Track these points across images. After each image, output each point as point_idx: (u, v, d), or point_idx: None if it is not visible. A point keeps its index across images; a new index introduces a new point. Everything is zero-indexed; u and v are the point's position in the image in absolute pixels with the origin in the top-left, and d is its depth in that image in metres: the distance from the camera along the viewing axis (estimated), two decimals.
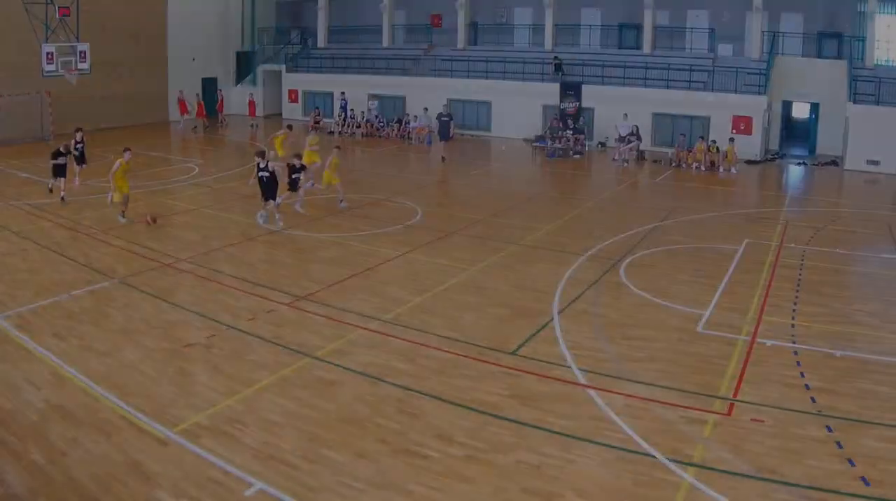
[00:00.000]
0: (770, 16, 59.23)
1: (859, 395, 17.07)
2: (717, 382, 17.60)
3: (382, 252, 27.13)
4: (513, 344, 19.43)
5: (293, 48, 75.00)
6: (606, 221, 33.05)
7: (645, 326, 21.10)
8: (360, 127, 61.91)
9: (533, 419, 15.59)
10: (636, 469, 13.83)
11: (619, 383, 17.46)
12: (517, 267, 25.75)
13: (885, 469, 13.86)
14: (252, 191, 31.23)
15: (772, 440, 15.00)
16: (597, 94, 57.30)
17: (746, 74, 54.73)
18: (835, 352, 19.39)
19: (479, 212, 33.83)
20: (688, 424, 15.64)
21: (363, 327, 20.30)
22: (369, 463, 13.74)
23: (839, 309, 22.84)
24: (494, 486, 13.16)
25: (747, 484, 13.43)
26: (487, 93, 62.51)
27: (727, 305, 22.89)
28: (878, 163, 49.77)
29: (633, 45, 64.53)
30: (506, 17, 70.06)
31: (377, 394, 16.52)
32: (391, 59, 67.81)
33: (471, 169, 46.29)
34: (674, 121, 56.48)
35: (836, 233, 32.35)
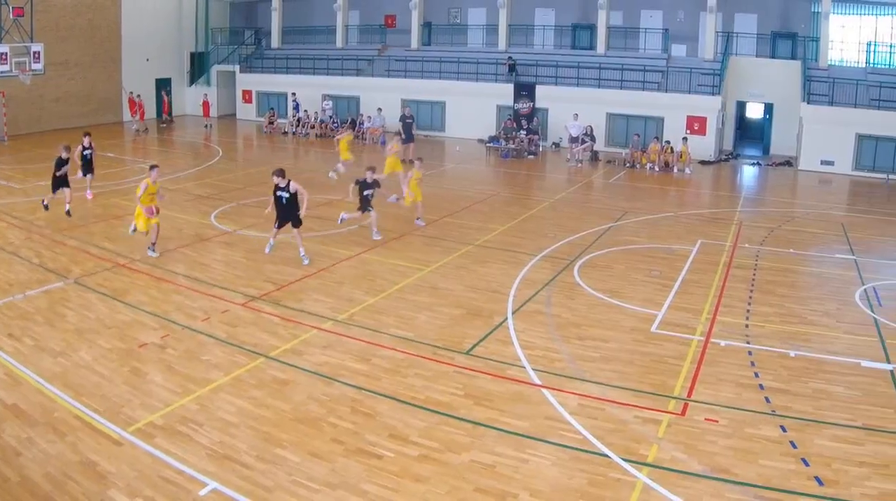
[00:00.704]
0: (724, 16, 59.61)
1: (814, 395, 17.28)
2: (672, 382, 17.78)
3: (337, 252, 27.13)
4: (467, 344, 19.54)
5: (247, 49, 74.70)
6: (561, 222, 33.10)
7: (599, 326, 21.22)
8: (314, 127, 61.66)
9: (487, 419, 15.70)
10: (590, 469, 13.91)
11: (574, 383, 17.59)
12: (471, 268, 25.76)
13: (839, 469, 14.05)
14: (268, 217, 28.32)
15: (726, 440, 15.17)
16: (551, 95, 57.73)
17: (700, 75, 55.10)
18: (789, 352, 19.54)
19: (434, 212, 33.77)
20: (642, 424, 15.76)
21: (318, 327, 20.32)
22: (324, 463, 13.78)
23: (793, 310, 23.05)
24: (449, 486, 13.21)
25: (701, 484, 13.57)
26: (441, 93, 62.62)
27: (681, 305, 23.09)
28: (833, 163, 50.11)
29: (586, 45, 64.83)
30: (459, 17, 70.19)
31: (331, 394, 16.55)
32: (345, 60, 67.66)
33: (424, 169, 46.17)
34: (628, 122, 56.64)
35: (790, 233, 32.56)
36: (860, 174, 49.39)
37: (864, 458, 14.46)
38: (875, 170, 49.88)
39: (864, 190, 45.56)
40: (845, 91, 51.02)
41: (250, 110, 71.91)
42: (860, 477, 13.77)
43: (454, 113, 61.04)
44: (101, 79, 64.88)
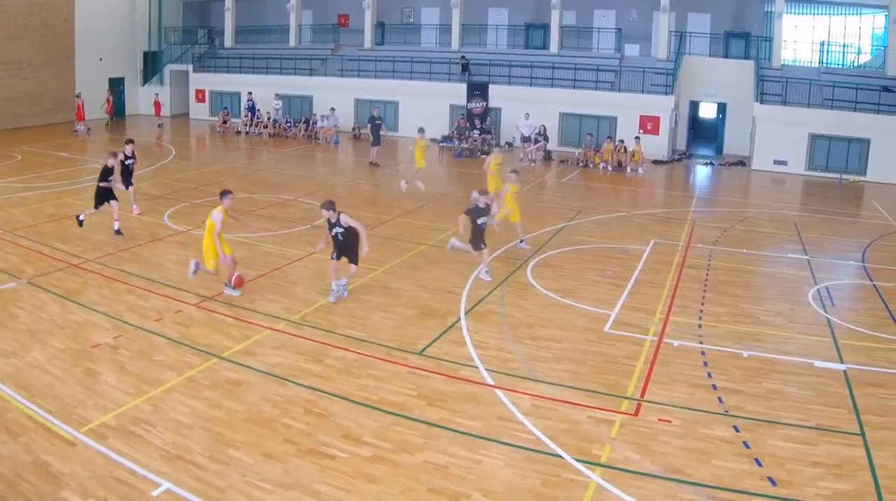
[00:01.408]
0: (677, 16, 60.10)
1: (767, 395, 17.36)
2: (625, 382, 17.82)
3: (290, 252, 27.10)
4: (420, 345, 19.52)
5: (200, 48, 74.38)
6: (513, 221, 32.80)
7: (552, 326, 21.26)
8: (267, 127, 61.56)
9: (440, 419, 15.70)
10: (543, 470, 13.93)
11: (527, 383, 17.61)
12: (425, 268, 25.73)
13: (792, 470, 14.13)
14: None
15: (679, 440, 15.24)
16: (504, 94, 58.13)
17: (654, 74, 55.63)
18: (743, 353, 19.65)
19: (387, 212, 33.90)
20: (595, 424, 15.78)
21: (271, 327, 20.26)
22: (277, 464, 13.73)
23: (746, 310, 23.20)
24: (402, 486, 13.19)
25: (654, 484, 13.62)
26: (394, 93, 62.69)
27: (634, 305, 23.17)
28: (786, 163, 50.44)
29: (539, 44, 65.39)
30: (413, 17, 70.40)
31: (284, 395, 16.49)
32: (298, 59, 67.56)
33: (378, 169, 46.16)
34: (581, 121, 57.11)
35: (743, 233, 32.80)
36: (813, 174, 49.79)
37: (817, 458, 14.57)
38: (828, 170, 50.32)
39: (817, 190, 45.85)
40: (798, 91, 51.49)
41: (203, 110, 71.61)
42: (813, 478, 13.86)
43: (407, 112, 61.05)
44: (54, 78, 64.42)
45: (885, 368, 19.02)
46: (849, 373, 18.62)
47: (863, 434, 15.56)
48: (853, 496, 13.34)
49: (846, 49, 62.21)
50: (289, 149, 53.58)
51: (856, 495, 13.37)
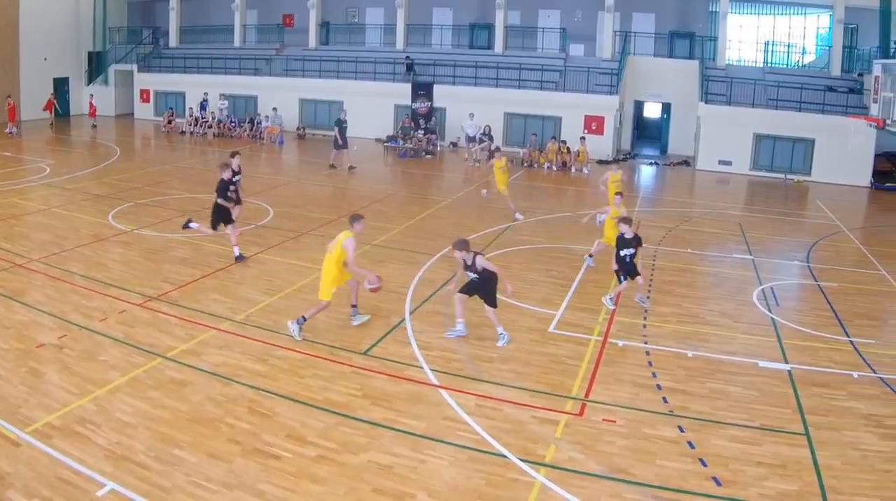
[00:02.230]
0: (622, 16, 60.75)
1: (711, 395, 17.49)
2: (569, 382, 17.87)
3: (234, 252, 26.75)
4: (365, 345, 19.46)
5: (145, 48, 73.98)
6: (458, 221, 33.26)
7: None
8: (212, 127, 61.25)
9: (385, 419, 15.67)
10: (488, 470, 13.94)
11: (471, 383, 17.62)
12: (369, 268, 25.49)
13: (736, 470, 14.25)
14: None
15: (623, 440, 15.30)
16: (448, 94, 58.63)
17: (598, 74, 56.17)
18: (687, 353, 19.77)
19: (331, 212, 33.84)
20: (539, 424, 15.81)
21: (215, 327, 20.12)
22: (221, 464, 13.65)
23: (691, 310, 23.39)
24: (346, 486, 13.17)
25: (599, 484, 13.66)
26: (339, 93, 62.22)
27: (579, 305, 23.25)
28: (730, 163, 50.78)
29: (484, 44, 66.26)
30: (357, 16, 70.60)
31: (229, 395, 16.40)
32: (243, 59, 67.51)
33: (322, 169, 46.03)
34: (526, 121, 57.66)
35: (687, 233, 33.08)
36: (758, 174, 50.16)
37: (761, 458, 14.71)
38: (773, 170, 50.66)
39: (761, 190, 46.12)
40: (743, 91, 52.07)
41: (148, 110, 71.09)
42: (758, 478, 13.99)
43: (352, 112, 60.36)
44: None
45: (830, 368, 19.15)
46: (793, 373, 18.77)
47: (807, 434, 15.70)
48: (797, 496, 13.45)
49: (791, 49, 62.75)
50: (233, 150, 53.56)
51: (800, 495, 13.48)
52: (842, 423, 16.31)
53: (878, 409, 17.07)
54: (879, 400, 17.61)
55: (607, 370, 18.61)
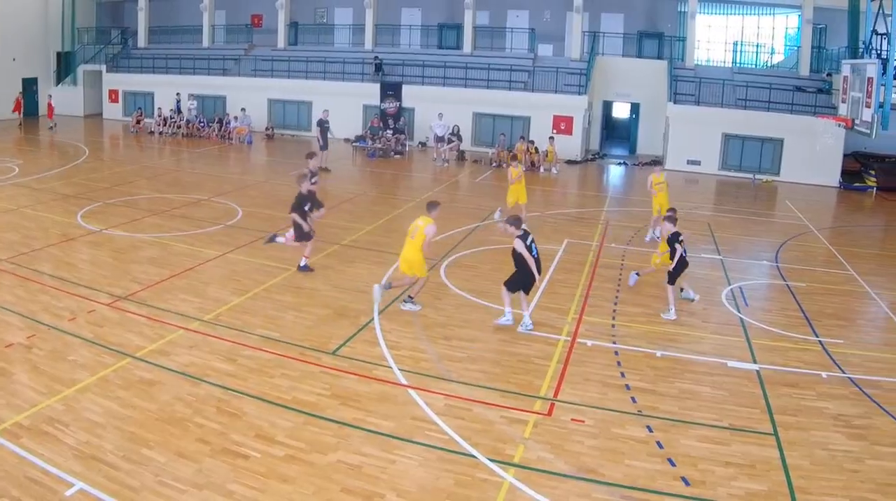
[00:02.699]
0: (590, 16, 61.00)
1: (680, 395, 17.60)
2: (538, 382, 17.92)
3: (203, 252, 26.86)
4: (333, 344, 19.48)
5: (114, 48, 73.56)
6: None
7: (466, 326, 21.34)
8: (181, 127, 60.98)
9: (353, 419, 15.68)
10: (457, 470, 13.97)
11: (440, 383, 17.66)
12: (338, 268, 25.64)
13: (705, 470, 14.33)
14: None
15: (592, 440, 15.35)
16: (417, 94, 58.83)
17: (567, 74, 56.21)
18: (656, 352, 19.89)
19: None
20: (508, 424, 15.84)
21: (184, 327, 20.05)
22: (190, 463, 13.61)
23: (660, 309, 23.25)
24: (315, 486, 13.16)
25: (567, 484, 13.70)
26: (308, 93, 62.67)
27: (548, 305, 23.26)
28: (699, 163, 50.88)
29: (453, 45, 66.02)
30: (326, 17, 70.42)
31: (198, 394, 16.37)
32: (211, 60, 67.05)
33: (291, 169, 45.99)
34: (494, 121, 57.60)
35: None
36: (726, 174, 50.31)
37: (730, 458, 14.79)
38: (741, 169, 50.80)
39: (730, 189, 46.28)
40: (712, 91, 52.30)
41: (117, 110, 70.53)
42: (726, 477, 14.08)
43: (321, 112, 60.94)
44: None
45: (799, 368, 19.25)
46: (762, 373, 18.88)
47: (776, 434, 15.83)
48: (766, 496, 13.53)
49: (759, 49, 62.99)
50: (202, 149, 53.27)
51: (769, 495, 13.56)
52: (811, 423, 16.43)
53: (846, 409, 17.21)
54: (848, 400, 17.74)
55: (576, 370, 18.66)
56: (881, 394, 18.03)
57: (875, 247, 35.32)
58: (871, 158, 52.05)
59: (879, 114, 26.90)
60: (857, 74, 30.23)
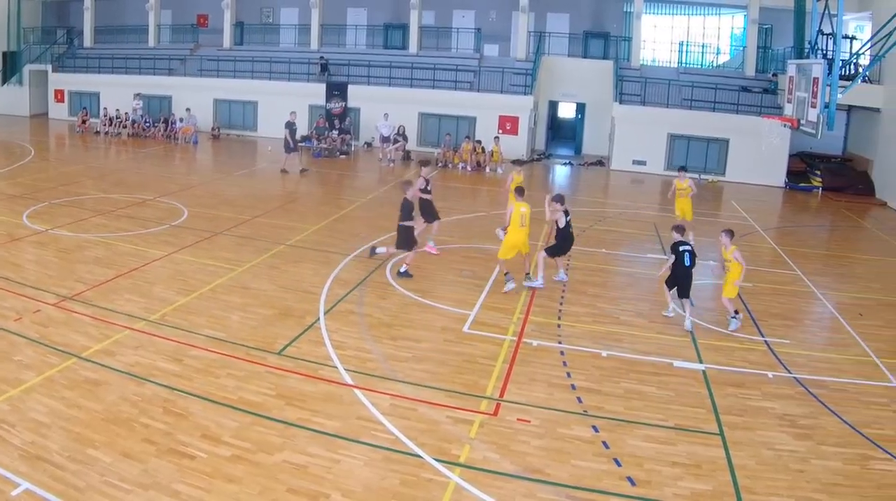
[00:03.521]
0: (536, 16, 61.19)
1: (626, 395, 17.74)
2: (484, 382, 17.97)
3: (149, 252, 26.63)
4: (279, 345, 19.44)
5: (59, 48, 72.90)
6: (372, 221, 33.07)
7: (411, 326, 21.37)
8: (126, 127, 60.51)
9: (299, 419, 15.69)
10: (403, 469, 14.01)
11: (386, 383, 17.68)
12: (283, 268, 25.61)
13: (651, 469, 14.49)
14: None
15: (538, 440, 15.42)
16: (363, 94, 58.58)
17: (513, 74, 56.51)
18: (602, 352, 20.00)
19: (245, 212, 33.73)
20: (454, 424, 15.90)
21: (129, 327, 19.88)
22: (136, 463, 13.55)
23: (605, 310, 23.70)
24: (261, 486, 13.17)
25: (513, 484, 13.76)
26: (254, 93, 62.43)
27: (493, 305, 23.33)
28: (645, 163, 51.14)
29: (398, 45, 65.79)
30: (272, 17, 70.39)
31: (143, 395, 16.25)
32: (157, 59, 66.46)
33: (236, 169, 45.81)
34: (440, 121, 57.69)
35: (602, 233, 33.50)
36: (672, 174, 50.28)
37: (676, 458, 14.94)
38: (687, 170, 50.95)
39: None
40: (657, 91, 52.71)
41: (63, 109, 69.81)
42: (672, 477, 14.23)
43: (266, 112, 60.66)
44: None
45: (744, 368, 19.45)
46: (708, 373, 19.08)
47: (722, 434, 16.01)
48: (712, 496, 13.69)
49: (705, 49, 63.42)
50: (148, 150, 53.00)
51: (715, 495, 13.71)
52: (756, 423, 16.65)
53: (792, 409, 17.43)
54: (794, 399, 17.95)
55: (522, 370, 18.74)
56: (827, 394, 18.26)
57: (821, 247, 35.69)
58: (817, 158, 52.62)
59: (825, 114, 27.06)
60: (802, 74, 30.42)
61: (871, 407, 17.82)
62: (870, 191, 48.25)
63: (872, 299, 26.61)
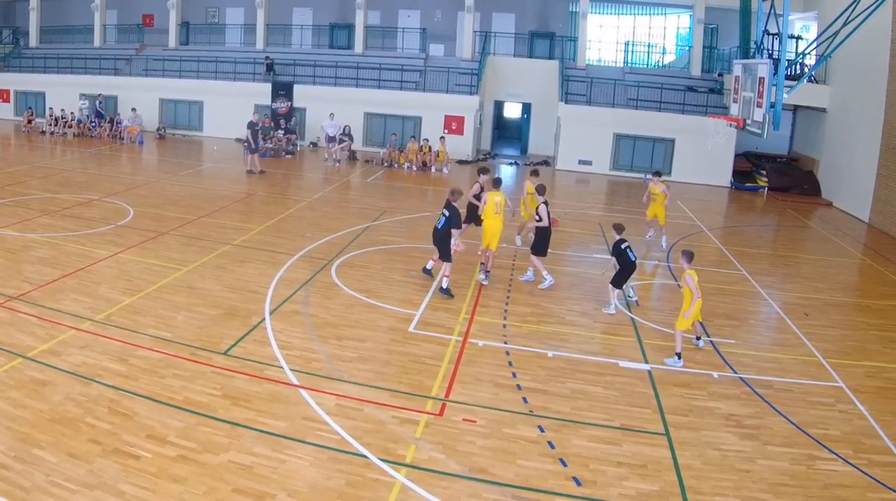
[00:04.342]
0: (482, 16, 61.90)
1: (571, 395, 17.80)
2: (430, 382, 18.00)
3: (94, 252, 26.40)
4: (225, 345, 19.30)
5: (5, 48, 72.55)
6: (318, 221, 33.24)
7: (357, 326, 21.32)
8: (72, 127, 60.10)
9: (245, 419, 15.62)
10: (349, 470, 14.00)
11: (332, 383, 17.65)
12: (229, 268, 25.55)
13: (596, 470, 14.55)
14: None
15: (484, 440, 15.46)
16: (309, 94, 58.62)
17: (458, 74, 57.03)
18: (547, 353, 20.08)
19: (191, 212, 33.52)
20: (400, 424, 15.90)
21: (75, 327, 19.67)
22: (82, 464, 13.40)
23: (551, 310, 23.74)
24: (207, 486, 13.08)
25: (459, 484, 13.81)
26: (199, 93, 62.36)
27: (439, 305, 23.40)
28: (590, 163, 51.34)
29: (344, 44, 66.66)
30: (218, 17, 70.49)
31: (89, 395, 16.09)
32: (103, 59, 66.23)
33: (182, 169, 45.61)
34: (386, 121, 58.01)
35: None
36: (618, 174, 50.76)
37: (621, 458, 15.02)
38: (633, 169, 51.33)
39: (621, 189, 46.76)
40: (603, 91, 53.15)
41: (8, 110, 69.22)
42: (618, 478, 14.30)
43: (212, 112, 60.72)
44: None
45: (690, 368, 19.57)
46: (653, 373, 19.22)
47: (667, 434, 16.14)
48: (658, 496, 13.81)
49: (651, 49, 63.77)
50: (93, 150, 52.66)
51: (660, 495, 13.85)
52: (702, 423, 16.77)
53: (738, 409, 17.59)
54: (739, 400, 18.10)
55: (467, 370, 18.78)
56: (772, 394, 18.43)
57: (766, 247, 35.94)
58: (763, 158, 53.15)
59: (771, 114, 27.18)
60: (748, 74, 30.56)
61: (816, 407, 17.99)
62: (815, 191, 48.80)
63: (818, 299, 26.89)
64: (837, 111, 47.52)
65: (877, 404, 18.30)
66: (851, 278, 31.80)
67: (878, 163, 41.04)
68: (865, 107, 42.87)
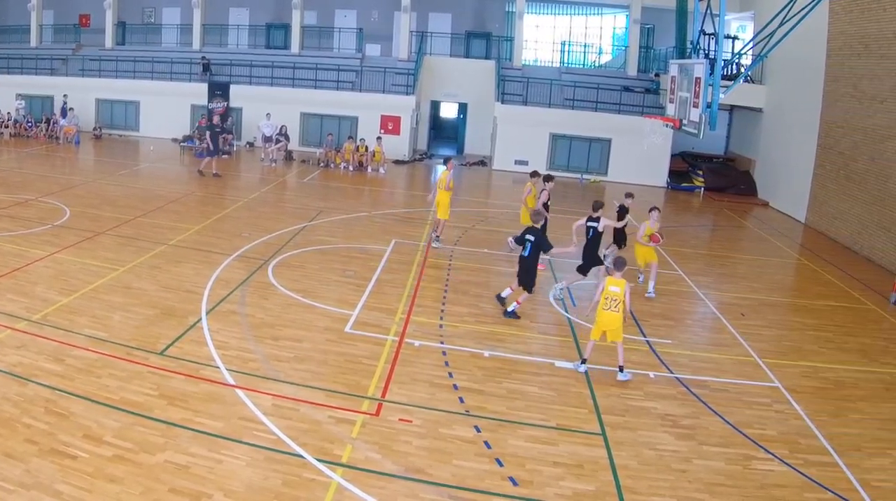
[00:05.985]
0: (418, 16, 61.93)
1: (507, 395, 17.95)
2: (366, 382, 18.07)
3: (31, 252, 26.20)
4: (161, 345, 19.24)
5: None
6: (255, 221, 33.19)
7: (293, 326, 21.35)
8: (8, 127, 59.45)
9: (181, 419, 15.58)
10: (285, 470, 14.04)
11: (268, 383, 17.68)
12: (165, 268, 25.45)
13: (532, 469, 14.69)
14: None
15: (420, 440, 15.57)
16: (245, 94, 58.44)
17: (395, 74, 57.00)
18: (484, 352, 20.24)
19: (127, 212, 33.18)
20: (336, 424, 15.96)
21: (11, 327, 19.54)
22: (18, 464, 13.33)
23: (487, 310, 23.83)
24: (143, 486, 13.04)
25: (395, 484, 13.88)
26: (135, 93, 61.34)
27: (375, 305, 23.47)
28: (527, 162, 51.38)
29: (281, 44, 66.39)
30: (154, 17, 69.85)
31: (25, 395, 15.98)
32: (39, 59, 65.49)
33: (119, 169, 45.34)
34: (322, 121, 57.77)
35: (484, 233, 33.84)
36: (554, 173, 50.75)
37: (557, 458, 15.17)
38: (569, 169, 51.50)
39: (558, 189, 46.35)
40: (539, 91, 53.31)
41: None
42: (554, 477, 14.45)
43: (148, 112, 60.37)
44: None
45: (626, 368, 19.46)
46: (590, 373, 19.23)
47: (604, 434, 16.36)
48: (594, 496, 13.95)
49: (587, 49, 64.02)
50: (29, 150, 52.22)
51: (597, 495, 13.99)
52: (638, 423, 17.02)
53: (674, 409, 17.85)
54: (676, 400, 18.35)
55: (404, 370, 18.89)
56: (708, 394, 18.71)
57: (702, 247, 36.32)
58: (699, 158, 53.68)
59: (707, 114, 27.29)
60: (684, 74, 30.66)
61: (752, 406, 18.27)
62: (752, 191, 49.41)
63: (754, 299, 27.22)
64: (774, 111, 48.01)
65: (813, 404, 18.63)
66: (787, 278, 32.16)
67: (815, 163, 41.46)
68: (802, 108, 43.27)
